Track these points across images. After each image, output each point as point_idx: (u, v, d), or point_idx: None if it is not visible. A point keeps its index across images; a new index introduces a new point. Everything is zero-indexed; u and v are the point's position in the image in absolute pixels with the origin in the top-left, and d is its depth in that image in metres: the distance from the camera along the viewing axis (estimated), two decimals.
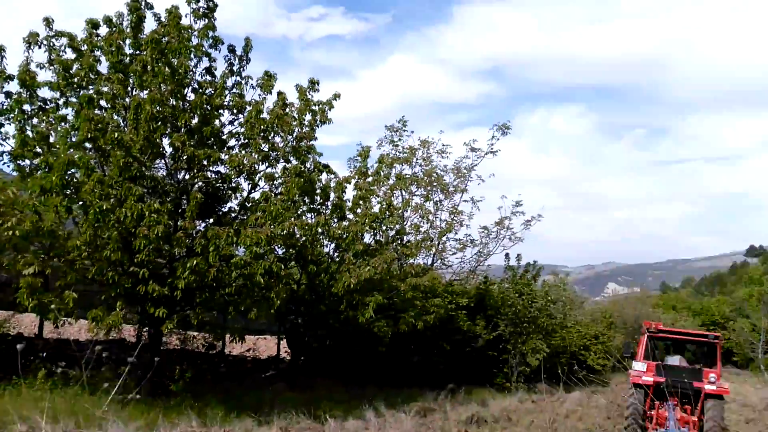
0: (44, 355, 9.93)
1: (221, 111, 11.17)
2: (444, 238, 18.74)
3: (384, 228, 14.07)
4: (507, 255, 20.88)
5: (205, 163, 10.34)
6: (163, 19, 10.54)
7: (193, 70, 10.80)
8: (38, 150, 9.43)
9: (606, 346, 27.53)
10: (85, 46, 10.41)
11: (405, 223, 16.92)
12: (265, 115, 11.05)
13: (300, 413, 10.54)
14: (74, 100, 10.17)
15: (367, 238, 14.09)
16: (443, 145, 19.00)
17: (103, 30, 10.62)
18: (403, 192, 17.49)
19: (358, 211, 13.34)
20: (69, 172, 8.62)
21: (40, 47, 10.11)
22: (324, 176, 12.87)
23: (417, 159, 18.52)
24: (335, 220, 12.83)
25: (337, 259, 13.69)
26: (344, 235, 12.30)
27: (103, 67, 10.41)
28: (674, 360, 12.68)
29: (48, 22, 10.17)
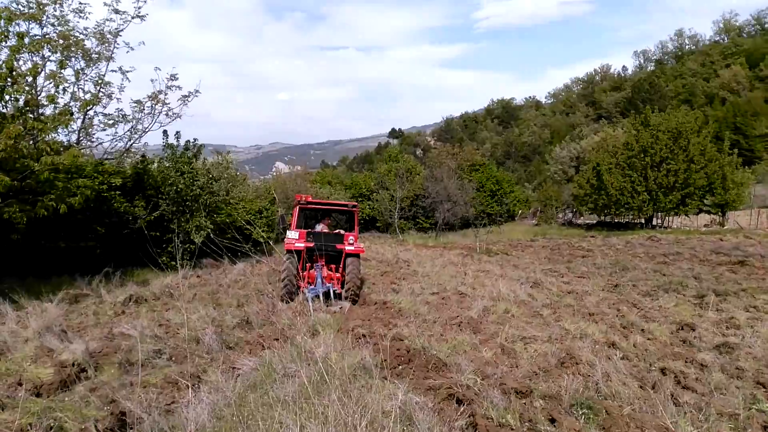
0: None
1: None
2: (90, 113, 16.77)
3: (7, 98, 11.86)
4: (165, 132, 19.93)
5: None
6: None
7: None
8: None
9: (269, 220, 29.35)
10: None
11: (38, 93, 14.50)
12: None
13: None
14: None
15: None
16: (80, 3, 16.40)
17: None
18: (34, 56, 14.77)
19: None
20: None
21: None
22: None
23: (48, 17, 15.64)
24: None
25: None
26: None
27: None
28: (322, 227, 14.01)
29: None
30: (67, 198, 12.81)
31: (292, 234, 12.92)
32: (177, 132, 20.51)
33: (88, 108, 16.12)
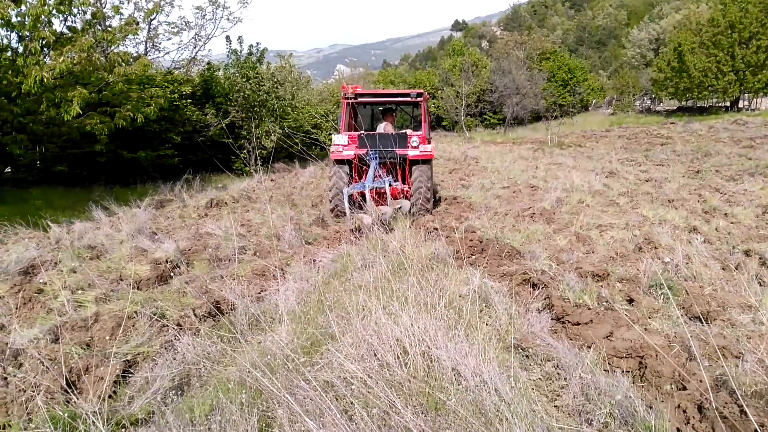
0: None
1: None
2: (154, 22, 16.95)
3: (75, 11, 12.09)
4: (228, 38, 19.95)
5: None
6: None
7: None
8: None
9: (336, 123, 29.40)
10: None
11: (103, 5, 14.73)
12: None
13: (15, 225, 9.63)
14: None
15: (58, 25, 12.09)
16: None
17: None
18: None
19: None
20: None
21: None
22: None
23: None
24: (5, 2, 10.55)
25: (22, 52, 11.56)
26: (23, 21, 10.31)
27: None
28: (382, 127, 11.34)
29: None
30: (142, 108, 13.27)
31: (339, 139, 10.35)
32: (239, 36, 20.52)
33: (152, 17, 16.28)
